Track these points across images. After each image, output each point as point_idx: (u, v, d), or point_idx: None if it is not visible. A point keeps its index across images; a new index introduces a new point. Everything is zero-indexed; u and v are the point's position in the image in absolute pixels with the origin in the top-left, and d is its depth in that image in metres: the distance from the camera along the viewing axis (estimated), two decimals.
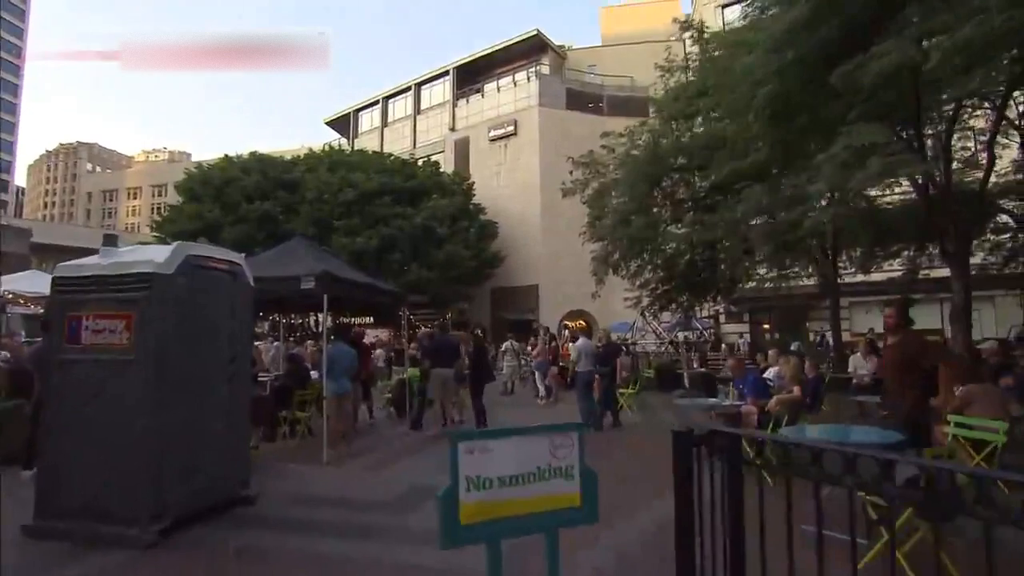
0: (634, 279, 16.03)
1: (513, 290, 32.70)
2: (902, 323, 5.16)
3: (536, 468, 2.38)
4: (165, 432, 4.62)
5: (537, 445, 2.42)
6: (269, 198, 27.45)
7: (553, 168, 32.28)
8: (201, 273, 5.16)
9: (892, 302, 5.61)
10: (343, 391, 8.20)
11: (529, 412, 12.66)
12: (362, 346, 10.51)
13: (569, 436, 2.53)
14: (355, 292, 8.50)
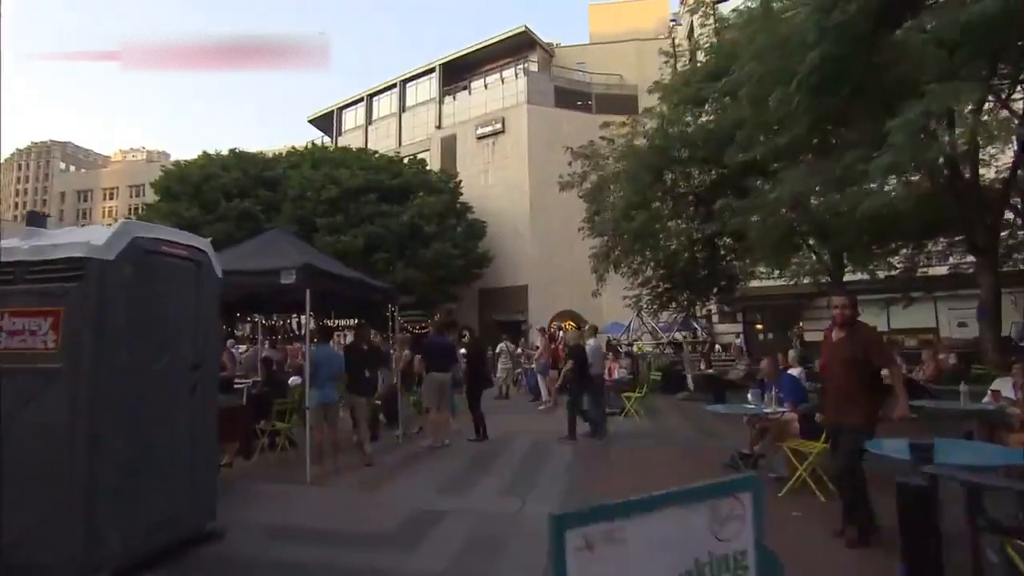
0: (634, 277, 15.16)
1: (501, 291, 31.75)
2: (856, 315, 4.51)
3: (694, 564, 1.38)
4: (104, 459, 3.61)
5: (691, 521, 1.43)
6: (249, 196, 26.18)
7: (542, 166, 31.43)
8: (153, 260, 4.14)
9: (840, 292, 4.92)
10: (328, 400, 7.18)
11: (531, 419, 11.70)
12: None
13: (739, 501, 1.52)
14: (341, 288, 7.48)
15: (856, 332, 4.44)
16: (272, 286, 6.82)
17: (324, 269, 6.92)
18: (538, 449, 8.48)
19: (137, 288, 3.94)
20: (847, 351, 4.38)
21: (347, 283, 7.66)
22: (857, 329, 4.47)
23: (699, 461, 7.35)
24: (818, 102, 6.40)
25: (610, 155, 14.39)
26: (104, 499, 3.61)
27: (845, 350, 4.40)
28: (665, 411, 12.12)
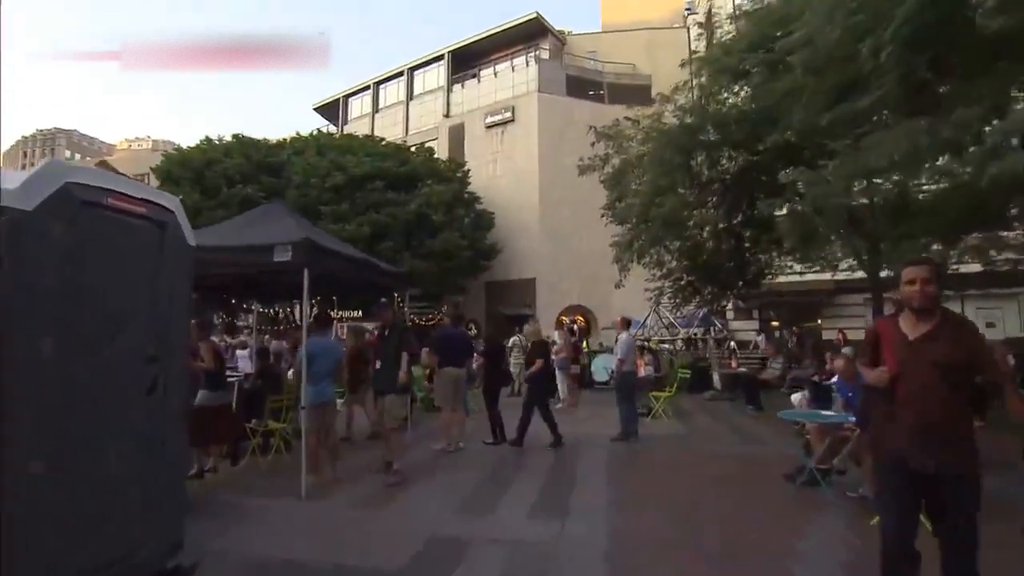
0: (657, 268, 14.05)
1: (509, 284, 30.67)
2: (939, 297, 2.84)
3: None
4: (14, 485, 2.57)
5: None
6: (252, 182, 25.08)
7: (552, 156, 30.31)
8: (95, 216, 3.07)
9: (918, 261, 2.95)
10: (325, 399, 6.13)
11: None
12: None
13: None
14: (345, 269, 6.43)
15: (951, 325, 2.80)
16: (265, 265, 5.78)
17: (325, 246, 5.86)
18: (566, 454, 7.44)
19: (69, 252, 2.89)
20: (944, 353, 2.69)
21: (352, 264, 6.60)
22: (950, 321, 2.83)
23: (755, 473, 6.29)
24: (910, 59, 5.31)
25: (636, 135, 13.29)
26: (16, 542, 2.57)
27: (939, 352, 2.70)
28: (694, 412, 11.07)
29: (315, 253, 5.67)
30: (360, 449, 7.74)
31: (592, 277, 30.46)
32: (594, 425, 9.71)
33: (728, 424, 9.67)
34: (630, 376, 8.43)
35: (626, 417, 8.23)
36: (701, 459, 7.13)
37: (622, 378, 8.34)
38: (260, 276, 7.89)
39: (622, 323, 9.03)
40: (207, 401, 6.19)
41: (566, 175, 30.53)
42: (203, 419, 5.57)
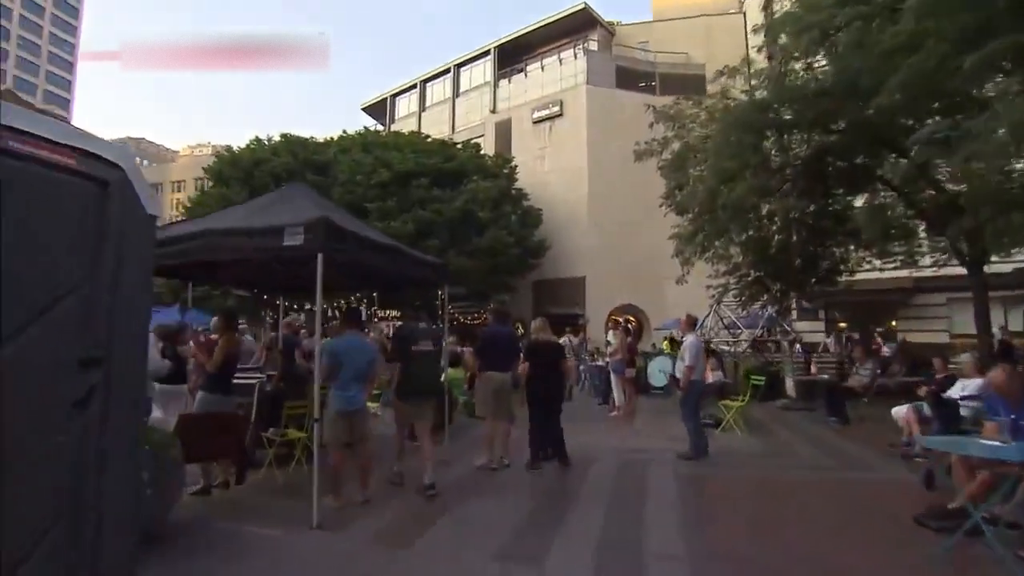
0: (721, 262, 12.65)
1: (558, 282, 29.52)
2: None
3: None
4: None
5: None
6: (299, 180, 24.76)
7: (602, 150, 29.02)
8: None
9: None
10: (352, 406, 5.18)
11: (605, 429, 9.50)
12: None
13: None
14: (372, 257, 5.46)
15: None
16: (274, 250, 4.88)
17: (344, 228, 4.90)
18: (628, 475, 6.29)
19: None
20: None
21: (379, 251, 5.62)
22: None
23: (874, 512, 4.98)
24: None
25: (699, 114, 11.95)
26: None
27: None
28: (769, 424, 9.69)
29: (332, 236, 4.72)
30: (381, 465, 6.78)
31: (644, 275, 28.99)
32: (654, 438, 8.50)
33: (812, 440, 8.29)
34: (699, 386, 7.20)
35: (695, 432, 7.03)
36: (795, 488, 5.84)
37: (691, 388, 7.13)
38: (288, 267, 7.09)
39: (687, 323, 7.78)
40: (208, 406, 5.36)
41: (616, 169, 29.22)
42: (200, 428, 4.71)
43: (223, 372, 5.47)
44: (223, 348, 5.47)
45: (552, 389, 6.48)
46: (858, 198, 12.99)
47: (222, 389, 5.48)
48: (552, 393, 6.48)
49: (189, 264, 5.87)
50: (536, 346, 6.54)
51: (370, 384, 5.69)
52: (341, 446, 5.15)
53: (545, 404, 6.44)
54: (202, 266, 6.42)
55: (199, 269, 6.48)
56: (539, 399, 6.44)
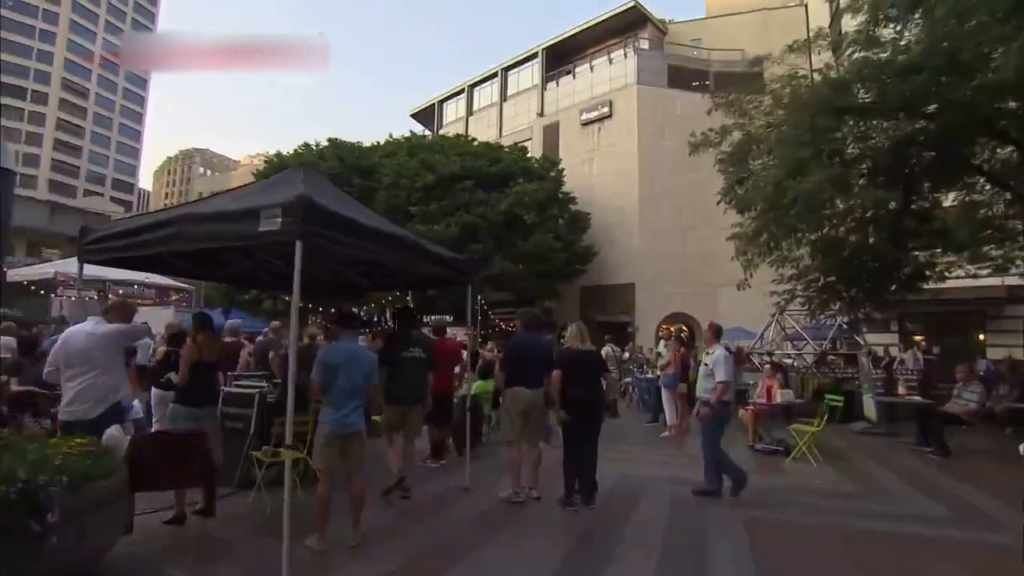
0: (787, 265, 11.15)
1: (606, 288, 28.18)
2: None
3: None
4: None
5: None
6: (344, 184, 24.45)
7: (653, 152, 27.64)
8: None
9: None
10: (350, 428, 4.22)
11: (654, 453, 8.26)
12: None
13: None
14: (373, 248, 4.48)
15: None
16: (251, 237, 3.98)
17: (331, 210, 3.96)
18: (684, 518, 5.11)
19: None
20: None
21: (380, 241, 4.64)
22: None
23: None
24: None
25: (764, 101, 10.56)
26: None
27: None
28: (848, 453, 8.22)
29: (314, 220, 3.78)
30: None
31: (697, 281, 27.37)
32: None
33: (909, 477, 6.82)
34: (725, 412, 5.89)
35: (715, 463, 5.73)
36: (904, 549, 4.52)
37: (721, 410, 5.79)
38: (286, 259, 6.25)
39: (711, 332, 6.25)
40: (178, 420, 4.53)
41: (668, 171, 27.78)
42: (152, 451, 3.84)
43: (193, 381, 4.61)
44: (189, 356, 4.61)
45: (589, 409, 5.33)
46: (948, 194, 11.35)
47: (194, 400, 4.62)
48: (589, 414, 5.34)
49: (171, 255, 5.12)
50: (570, 357, 5.41)
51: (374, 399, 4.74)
52: (328, 472, 4.21)
53: (581, 427, 5.31)
54: (193, 260, 5.64)
55: (187, 263, 5.70)
56: (575, 423, 5.32)
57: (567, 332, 5.61)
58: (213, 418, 4.84)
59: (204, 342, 4.79)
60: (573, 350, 5.40)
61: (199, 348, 4.72)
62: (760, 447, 8.04)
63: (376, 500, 5.10)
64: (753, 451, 8.04)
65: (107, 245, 4.72)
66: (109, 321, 4.48)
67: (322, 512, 4.15)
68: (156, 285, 13.48)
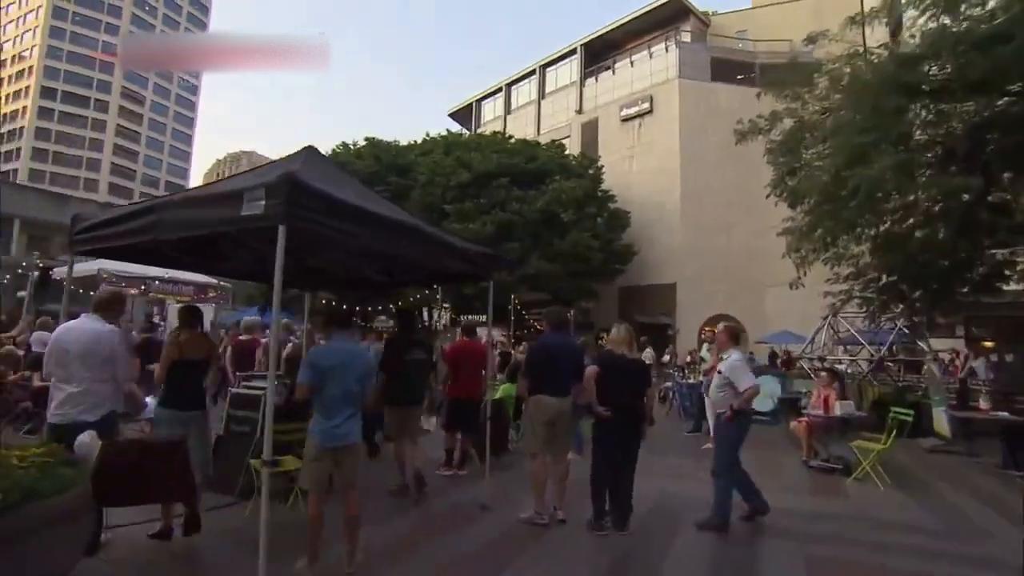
0: (844, 264, 10.15)
1: (646, 289, 27.22)
2: None
3: None
4: None
5: None
6: (381, 183, 24.28)
7: (695, 148, 26.57)
8: None
9: None
10: (343, 440, 3.68)
11: (696, 468, 7.50)
12: None
13: None
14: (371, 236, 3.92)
15: None
16: (233, 222, 3.48)
17: (322, 192, 3.42)
18: (732, 549, 4.40)
19: None
20: None
21: (389, 229, 4.08)
22: None
23: None
24: None
25: (819, 83, 9.62)
26: None
27: None
28: (920, 474, 7.27)
29: (300, 202, 3.26)
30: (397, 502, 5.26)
31: (741, 282, 26.15)
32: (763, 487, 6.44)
33: (997, 507, 5.87)
34: (746, 426, 4.98)
35: (725, 491, 4.88)
36: None
37: (737, 431, 4.91)
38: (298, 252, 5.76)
39: (727, 335, 5.20)
40: (161, 424, 4.09)
41: (711, 167, 26.64)
42: (123, 461, 3.37)
43: (176, 381, 4.15)
44: (168, 355, 4.16)
45: (632, 419, 4.66)
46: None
47: (177, 402, 4.15)
48: (631, 424, 4.67)
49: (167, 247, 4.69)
50: (612, 361, 4.72)
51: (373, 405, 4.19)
52: (319, 490, 3.69)
53: (619, 439, 4.65)
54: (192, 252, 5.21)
55: (186, 256, 5.27)
56: (611, 435, 4.66)
57: (610, 334, 4.94)
58: (201, 423, 4.37)
59: (188, 339, 4.34)
60: (617, 355, 4.73)
61: (180, 346, 4.26)
62: (816, 464, 7.18)
63: (378, 520, 4.56)
64: (808, 468, 7.20)
65: (96, 234, 4.30)
66: (107, 319, 4.02)
67: (313, 533, 3.62)
68: (194, 282, 13.31)
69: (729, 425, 4.86)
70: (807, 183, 9.13)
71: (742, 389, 4.74)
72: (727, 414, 4.83)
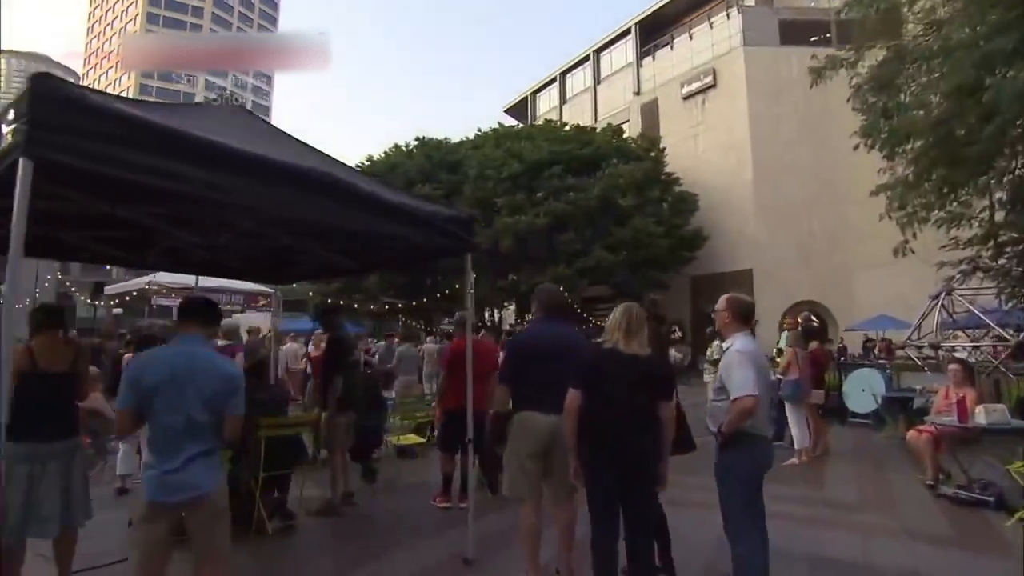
0: (960, 225, 7.85)
1: (719, 277, 24.62)
2: None
3: None
4: None
5: None
6: (432, 181, 23.32)
7: (767, 121, 23.84)
8: None
9: None
10: (179, 495, 2.34)
11: (785, 502, 5.63)
12: None
13: None
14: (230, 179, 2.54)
15: None
16: None
17: (94, 104, 2.08)
18: None
19: None
20: None
21: (265, 176, 2.67)
22: None
23: None
24: None
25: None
26: None
27: None
28: None
29: (53, 123, 1.93)
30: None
31: (826, 264, 23.12)
32: (876, 526, 4.55)
33: None
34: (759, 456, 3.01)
35: (747, 549, 2.90)
36: None
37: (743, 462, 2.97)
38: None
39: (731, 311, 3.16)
40: (20, 464, 2.87)
41: (785, 140, 23.73)
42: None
43: (28, 403, 2.84)
44: (18, 364, 2.92)
45: (625, 453, 2.88)
46: None
47: (31, 432, 2.86)
48: (629, 474, 2.89)
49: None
50: (602, 363, 3.05)
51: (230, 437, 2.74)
52: (157, 567, 2.35)
53: (613, 498, 2.95)
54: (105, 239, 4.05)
55: (103, 244, 4.10)
56: (599, 486, 2.93)
57: (611, 317, 3.28)
58: (72, 456, 3.15)
59: (44, 345, 3.13)
60: (611, 350, 3.08)
61: (32, 355, 3.05)
62: (950, 492, 5.12)
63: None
64: (937, 497, 5.17)
65: None
66: None
67: None
68: (243, 291, 12.72)
69: (729, 455, 3.01)
70: (911, 121, 6.98)
71: (733, 396, 2.86)
72: (719, 439, 3.02)
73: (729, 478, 2.96)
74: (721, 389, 2.97)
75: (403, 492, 5.49)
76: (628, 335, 3.02)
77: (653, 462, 2.95)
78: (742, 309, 3.14)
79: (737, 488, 2.93)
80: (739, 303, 3.16)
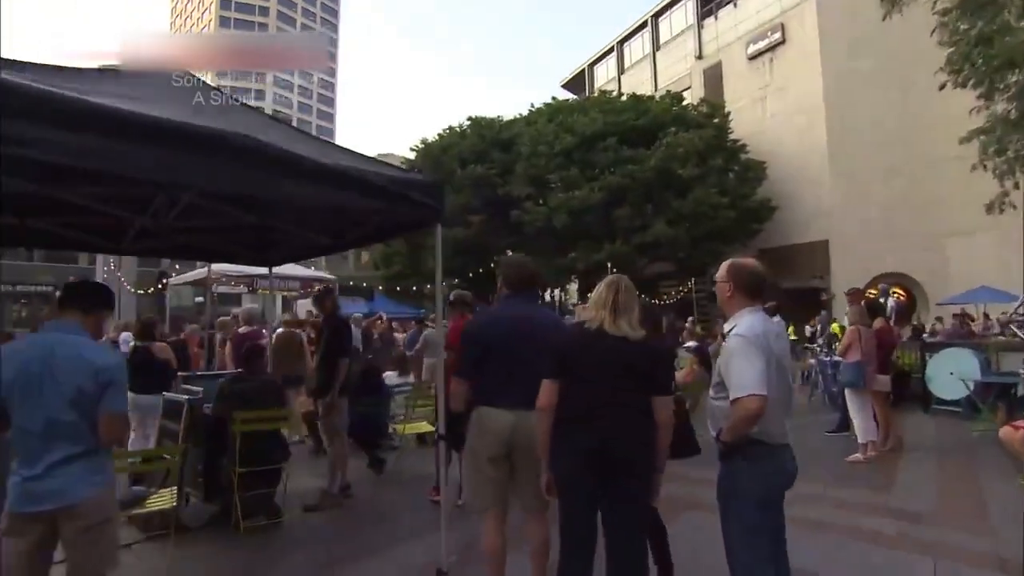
0: None
1: (790, 249, 22.82)
2: None
3: None
4: None
5: None
6: (484, 161, 22.86)
7: (842, 78, 21.60)
8: None
9: None
10: (47, 504, 1.95)
11: (847, 499, 4.72)
12: None
13: None
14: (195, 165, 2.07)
15: None
16: None
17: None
18: None
19: None
20: None
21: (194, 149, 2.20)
22: None
23: None
24: None
25: None
26: None
27: None
28: None
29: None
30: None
31: (911, 233, 20.77)
32: (954, 529, 3.66)
33: None
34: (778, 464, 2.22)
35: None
36: None
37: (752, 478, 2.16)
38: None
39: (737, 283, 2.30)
40: None
41: (863, 100, 21.40)
42: None
43: None
44: None
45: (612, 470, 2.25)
46: None
47: None
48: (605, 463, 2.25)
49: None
50: (578, 347, 2.43)
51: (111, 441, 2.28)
52: None
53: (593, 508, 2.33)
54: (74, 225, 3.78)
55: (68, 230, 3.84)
56: (573, 493, 2.33)
57: (591, 292, 2.62)
58: None
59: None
60: (592, 331, 2.41)
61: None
62: None
63: None
64: None
65: None
66: None
67: None
68: (300, 277, 12.79)
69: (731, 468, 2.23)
70: (1014, 46, 5.67)
71: (733, 396, 2.07)
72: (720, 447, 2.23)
73: (730, 497, 2.23)
74: (720, 385, 2.23)
75: (405, 485, 5.09)
76: (615, 313, 2.36)
77: (643, 473, 2.31)
78: (748, 279, 2.34)
79: (740, 510, 2.20)
80: (744, 271, 2.36)
